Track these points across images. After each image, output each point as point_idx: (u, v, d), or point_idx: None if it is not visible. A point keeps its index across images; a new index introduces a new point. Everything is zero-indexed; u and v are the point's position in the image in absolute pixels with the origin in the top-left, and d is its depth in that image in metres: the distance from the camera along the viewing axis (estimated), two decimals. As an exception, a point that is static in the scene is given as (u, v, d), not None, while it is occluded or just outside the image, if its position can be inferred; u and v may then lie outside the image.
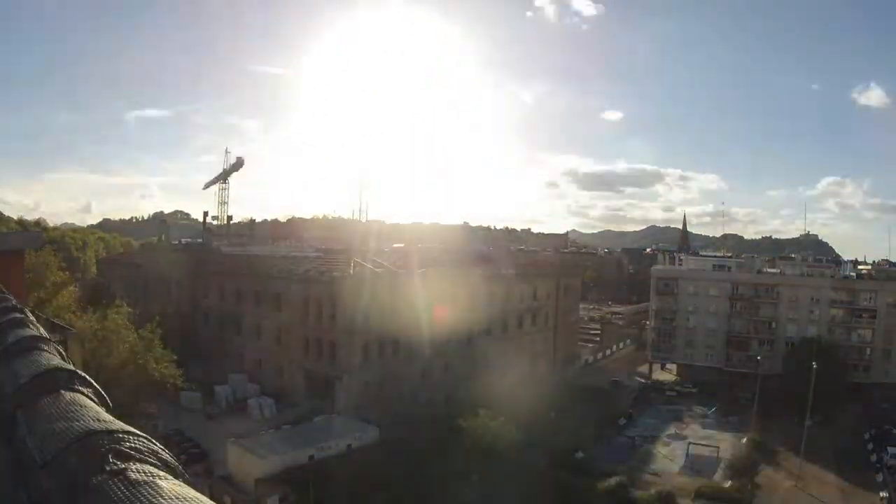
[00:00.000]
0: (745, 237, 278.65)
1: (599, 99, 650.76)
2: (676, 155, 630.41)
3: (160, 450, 1.58)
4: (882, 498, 49.18)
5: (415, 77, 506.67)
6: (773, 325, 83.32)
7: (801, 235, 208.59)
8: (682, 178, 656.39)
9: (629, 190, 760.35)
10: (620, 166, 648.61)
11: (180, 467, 1.58)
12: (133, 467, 1.38)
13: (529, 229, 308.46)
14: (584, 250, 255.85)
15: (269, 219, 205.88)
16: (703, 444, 59.84)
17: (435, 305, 68.51)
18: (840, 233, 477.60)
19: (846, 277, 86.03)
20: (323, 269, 67.25)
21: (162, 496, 1.23)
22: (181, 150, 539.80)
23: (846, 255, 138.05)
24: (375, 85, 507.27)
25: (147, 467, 1.40)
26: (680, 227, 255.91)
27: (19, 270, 13.12)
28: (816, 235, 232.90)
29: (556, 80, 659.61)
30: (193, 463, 45.03)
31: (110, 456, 1.41)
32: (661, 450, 60.40)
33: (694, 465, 55.60)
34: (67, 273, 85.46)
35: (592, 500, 44.92)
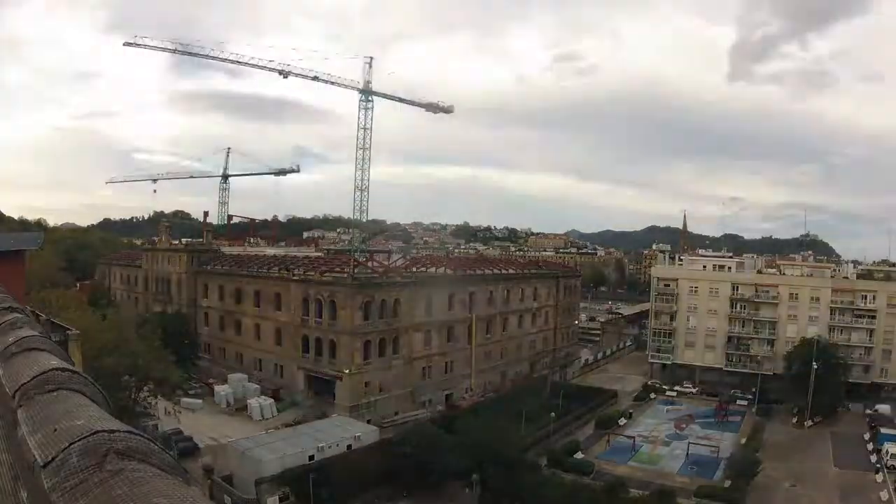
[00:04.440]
0: (746, 237, 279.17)
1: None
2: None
3: (160, 449, 1.59)
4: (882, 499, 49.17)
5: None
6: (773, 325, 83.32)
7: (801, 235, 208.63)
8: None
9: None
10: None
11: (181, 467, 1.59)
12: (133, 467, 1.38)
13: (530, 229, 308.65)
14: (584, 250, 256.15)
15: (269, 219, 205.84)
16: (703, 444, 59.89)
17: (435, 305, 68.66)
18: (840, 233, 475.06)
19: (846, 278, 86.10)
20: (323, 269, 67.25)
21: (162, 496, 1.24)
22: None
23: (846, 256, 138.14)
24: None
25: (147, 467, 1.41)
26: (680, 226, 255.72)
27: (20, 270, 13.14)
28: (817, 235, 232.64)
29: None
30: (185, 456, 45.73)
31: (111, 456, 1.42)
32: (661, 450, 60.42)
33: (694, 465, 55.65)
34: (67, 273, 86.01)
35: (592, 499, 44.88)
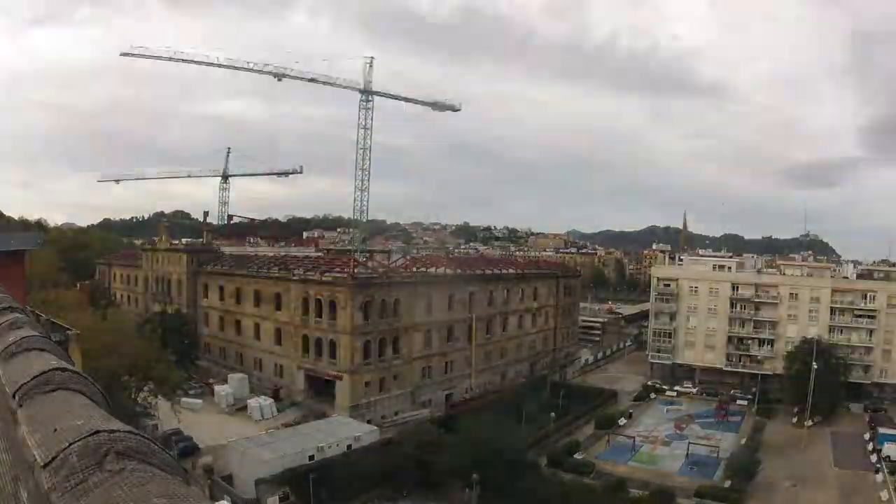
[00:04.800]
0: (746, 237, 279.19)
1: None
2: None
3: (160, 449, 1.59)
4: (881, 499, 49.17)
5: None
6: (774, 325, 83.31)
7: (801, 235, 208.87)
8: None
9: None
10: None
11: (181, 467, 1.59)
12: (133, 467, 1.39)
13: (530, 229, 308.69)
14: (584, 250, 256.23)
15: (269, 219, 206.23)
16: (703, 444, 59.89)
17: (435, 305, 68.64)
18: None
19: (846, 278, 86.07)
20: (323, 269, 67.24)
21: (162, 496, 1.24)
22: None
23: (847, 256, 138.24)
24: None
25: (147, 467, 1.41)
26: (680, 226, 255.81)
27: (20, 270, 13.15)
28: (817, 235, 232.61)
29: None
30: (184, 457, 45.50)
31: (111, 456, 1.42)
32: (661, 450, 60.42)
33: (694, 465, 55.65)
34: (67, 273, 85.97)
35: (592, 500, 44.88)
